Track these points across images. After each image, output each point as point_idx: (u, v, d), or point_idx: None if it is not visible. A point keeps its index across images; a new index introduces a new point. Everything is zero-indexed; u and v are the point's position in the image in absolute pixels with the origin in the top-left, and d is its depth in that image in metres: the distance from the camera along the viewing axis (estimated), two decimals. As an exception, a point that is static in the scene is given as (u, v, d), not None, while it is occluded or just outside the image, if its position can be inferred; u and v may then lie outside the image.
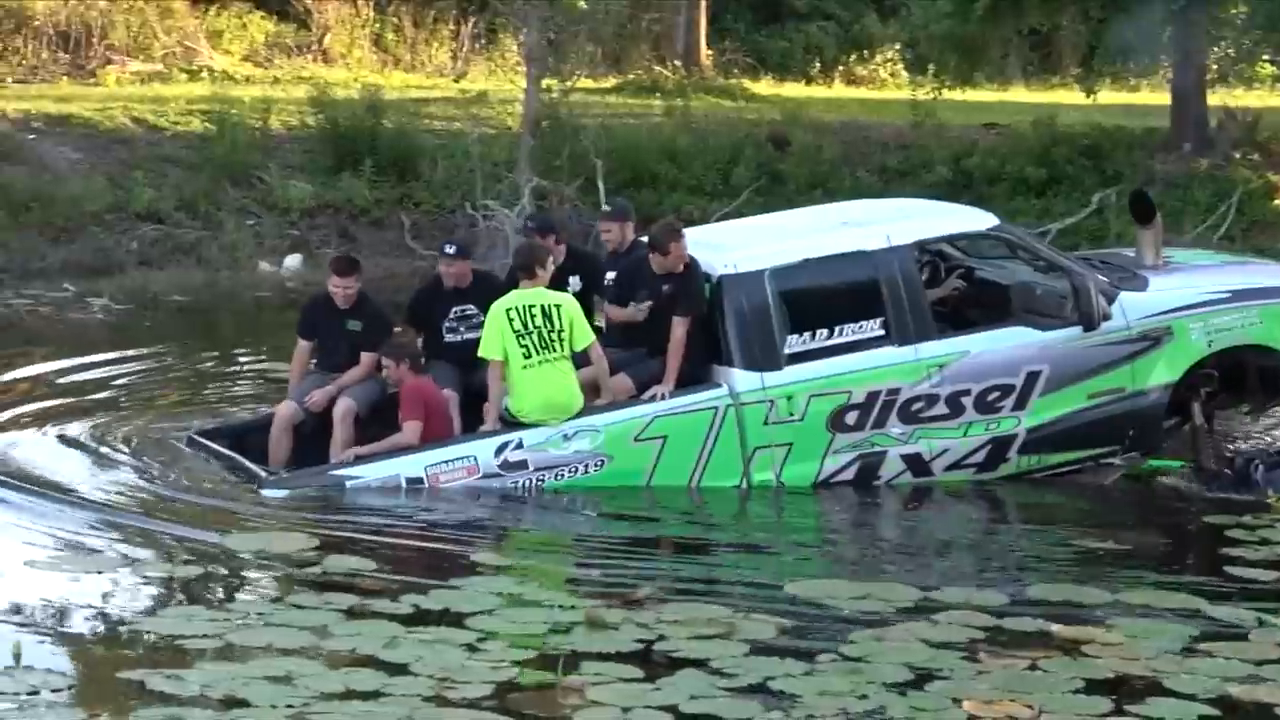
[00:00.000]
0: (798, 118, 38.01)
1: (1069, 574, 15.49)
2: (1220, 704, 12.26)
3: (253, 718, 11.64)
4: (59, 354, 23.47)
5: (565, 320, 16.53)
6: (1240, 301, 18.00)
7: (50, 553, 15.55)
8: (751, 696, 12.22)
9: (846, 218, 19.25)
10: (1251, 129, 36.51)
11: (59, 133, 33.47)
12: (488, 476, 16.68)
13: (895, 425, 17.30)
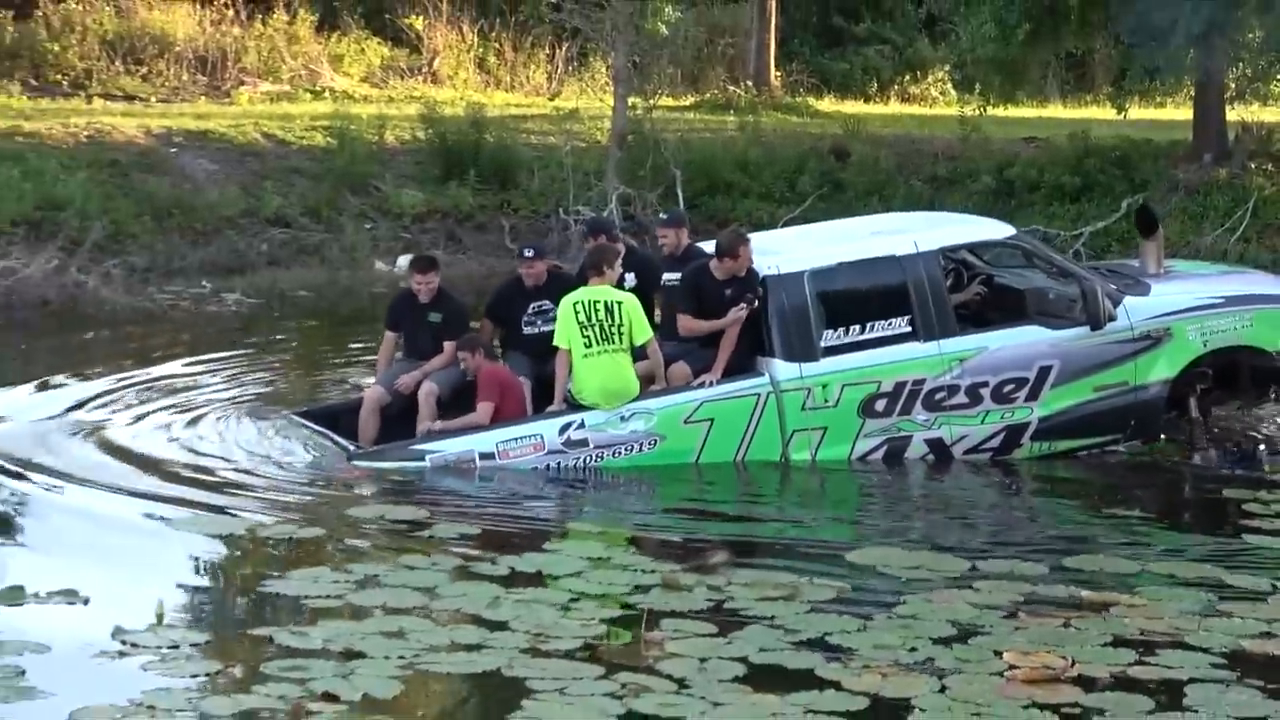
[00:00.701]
0: (857, 132, 37.97)
1: (1100, 545, 15.45)
2: (1232, 657, 12.25)
3: (369, 668, 11.69)
4: (196, 342, 23.57)
5: (626, 316, 16.61)
6: (1234, 306, 18.05)
7: (185, 520, 15.59)
8: (813, 649, 12.25)
9: (879, 227, 19.38)
10: (1266, 141, 36.32)
11: (198, 147, 33.55)
12: (552, 453, 16.76)
13: (920, 413, 17.33)
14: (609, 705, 11.10)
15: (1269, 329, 18.06)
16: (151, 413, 19.54)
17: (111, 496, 16.31)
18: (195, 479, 16.92)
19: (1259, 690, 11.65)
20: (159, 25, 42.06)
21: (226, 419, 18.97)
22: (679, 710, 11.05)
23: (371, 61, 45.47)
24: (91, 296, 26.56)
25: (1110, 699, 11.42)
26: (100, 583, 13.56)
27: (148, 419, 19.20)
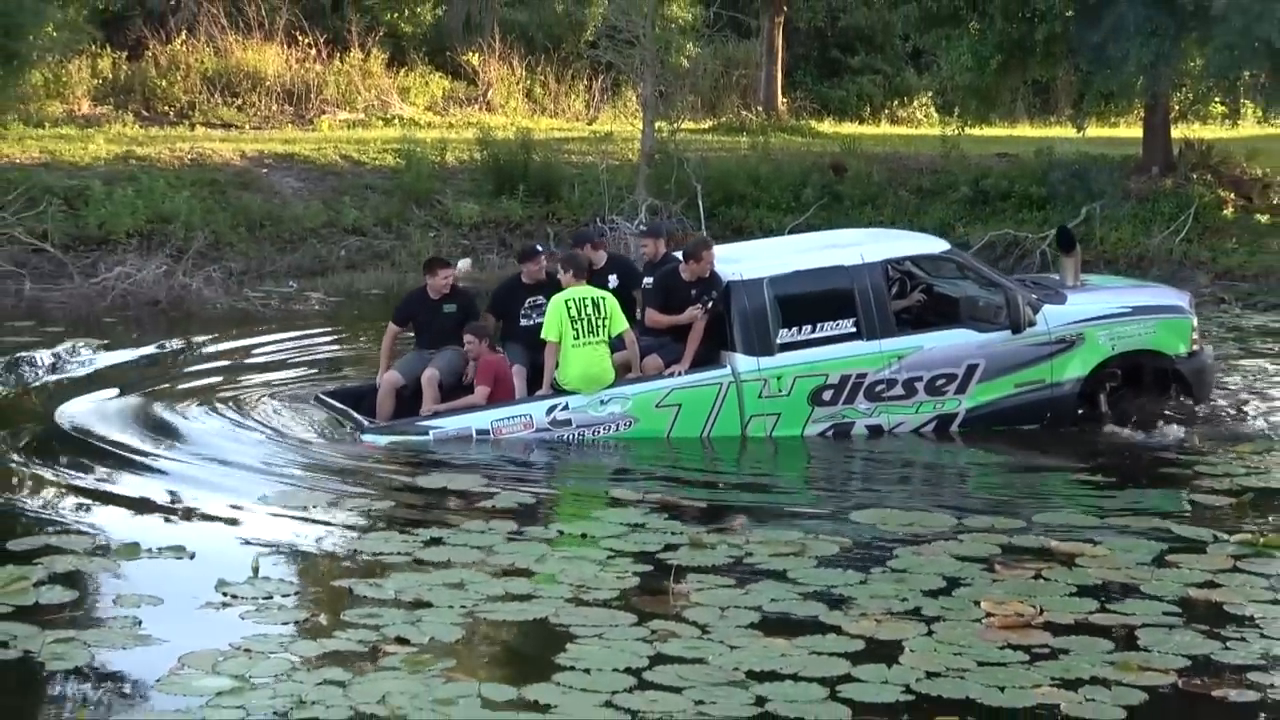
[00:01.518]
0: (852, 150, 37.93)
1: (1066, 504, 15.44)
2: (1181, 603, 12.28)
3: (434, 616, 11.73)
4: (284, 335, 23.57)
5: (608, 310, 16.77)
6: (1139, 315, 18.12)
7: (276, 489, 15.63)
8: (818, 599, 12.27)
9: (832, 241, 19.51)
10: (1205, 155, 36.23)
11: (285, 167, 33.61)
12: (540, 430, 16.82)
13: (862, 402, 17.36)
14: (641, 648, 11.11)
15: (1169, 335, 18.14)
16: (240, 390, 19.60)
17: (205, 464, 16.41)
18: (277, 454, 17.02)
19: (1202, 633, 11.66)
20: (252, 63, 42.19)
21: (302, 401, 18.95)
22: (701, 653, 11.06)
23: (434, 92, 45.53)
24: (195, 297, 26.62)
25: (1074, 641, 11.41)
26: (204, 540, 13.63)
27: (238, 396, 19.24)
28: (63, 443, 17.09)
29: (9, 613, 11.62)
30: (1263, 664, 11.08)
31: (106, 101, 40.06)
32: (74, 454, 16.66)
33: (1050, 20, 31.51)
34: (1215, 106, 36.80)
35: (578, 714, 9.97)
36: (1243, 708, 10.43)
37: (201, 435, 17.57)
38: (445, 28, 49.74)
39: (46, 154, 32.22)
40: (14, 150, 31.57)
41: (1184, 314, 18.41)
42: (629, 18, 35.68)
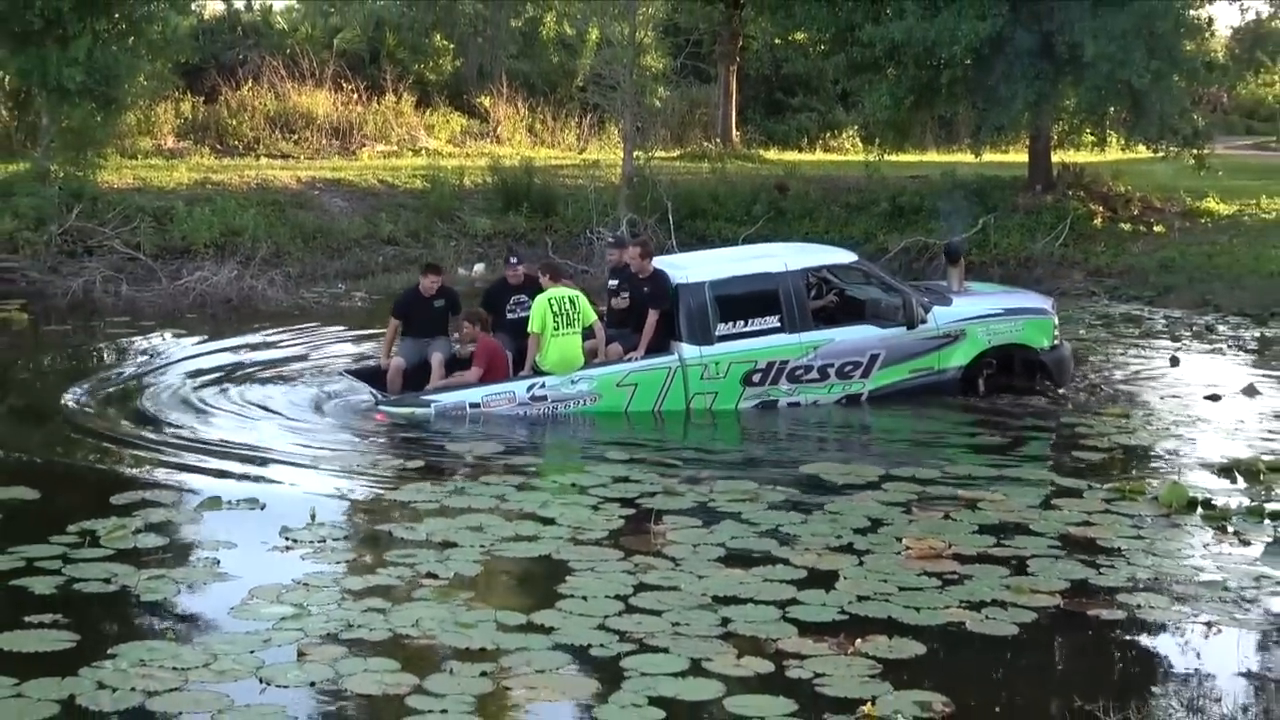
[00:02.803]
0: (793, 173, 37.81)
1: (971, 459, 15.44)
2: (1061, 539, 12.38)
3: (459, 553, 11.77)
4: (331, 328, 23.50)
5: (581, 306, 16.81)
6: (1011, 315, 18.24)
7: (327, 451, 15.62)
8: (770, 537, 12.33)
9: (761, 252, 19.45)
10: (1079, 176, 36.23)
11: (333, 190, 33.51)
12: (521, 404, 16.74)
13: (785, 384, 17.37)
14: (626, 579, 11.14)
15: (1035, 332, 18.21)
16: (294, 370, 19.54)
17: (269, 432, 16.35)
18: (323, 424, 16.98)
19: (1080, 562, 11.67)
20: (306, 106, 42.13)
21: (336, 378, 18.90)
22: (676, 581, 11.10)
23: (454, 129, 45.45)
24: (260, 296, 26.54)
25: (977, 569, 11.47)
26: (271, 494, 13.59)
27: (290, 375, 19.21)
28: (155, 415, 17.02)
29: (111, 555, 11.63)
30: (1129, 587, 11.15)
31: (187, 138, 40.01)
32: (164, 423, 16.60)
33: (953, 67, 31.43)
34: (1086, 136, 36.61)
35: (576, 635, 9.97)
36: (1112, 623, 10.47)
37: (265, 409, 17.47)
38: (463, 76, 49.69)
39: (139, 180, 32.18)
40: (112, 178, 31.50)
41: (1047, 315, 18.47)
42: (612, 67, 35.65)
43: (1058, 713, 8.90)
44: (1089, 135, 36.19)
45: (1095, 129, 35.14)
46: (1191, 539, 12.48)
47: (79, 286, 26.32)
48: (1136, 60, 30.04)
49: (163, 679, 9.12)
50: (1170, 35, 31.20)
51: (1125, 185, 36.15)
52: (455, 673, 9.31)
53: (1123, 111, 33.07)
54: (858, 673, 9.38)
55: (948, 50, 30.99)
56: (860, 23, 32.51)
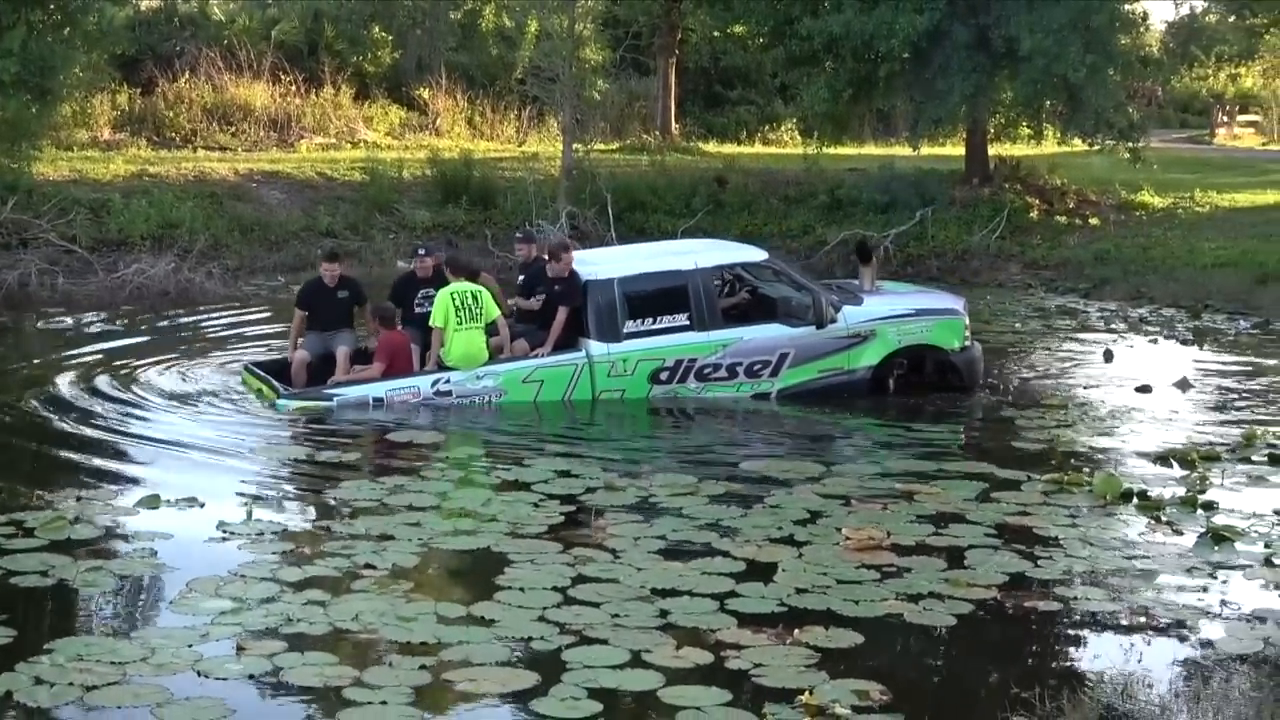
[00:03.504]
0: (732, 166, 37.93)
1: (908, 452, 15.52)
2: (998, 528, 12.45)
3: (397, 548, 11.74)
4: (274, 319, 23.36)
5: (484, 302, 16.74)
6: (922, 316, 18.19)
7: (263, 447, 15.54)
8: (710, 530, 12.33)
9: (674, 249, 19.55)
10: (1016, 169, 36.49)
11: (271, 182, 33.37)
12: (425, 399, 16.67)
13: (693, 382, 17.32)
14: (566, 571, 11.14)
15: (946, 333, 18.19)
16: (233, 361, 19.32)
17: (206, 424, 16.21)
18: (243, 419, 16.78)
19: (1017, 553, 11.74)
20: (243, 97, 41.91)
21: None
22: (615, 574, 11.10)
23: (393, 121, 45.30)
24: (198, 289, 26.42)
25: (915, 560, 11.53)
26: (212, 492, 13.44)
27: (228, 365, 19.04)
28: (88, 407, 16.89)
29: (46, 545, 11.54)
30: (1065, 579, 11.23)
31: (124, 129, 39.71)
32: (97, 415, 16.48)
33: (890, 60, 31.58)
34: (1023, 129, 36.90)
35: (516, 627, 9.95)
36: (1049, 614, 10.54)
37: (198, 401, 17.40)
38: (401, 68, 49.50)
39: (75, 172, 31.97)
40: (48, 169, 31.27)
41: (958, 316, 18.47)
42: (551, 60, 35.64)
43: (994, 701, 8.93)
44: (1025, 129, 36.48)
45: (1031, 122, 35.41)
46: (1126, 529, 12.58)
47: (14, 279, 26.10)
48: (1072, 54, 30.28)
49: (101, 673, 9.06)
50: (1105, 30, 31.49)
51: (1061, 178, 36.45)
52: (395, 665, 9.29)
53: (1059, 105, 33.32)
54: (796, 663, 9.40)
55: (885, 44, 31.15)
56: (798, 16, 32.66)
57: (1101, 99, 32.10)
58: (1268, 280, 26.48)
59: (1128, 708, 8.99)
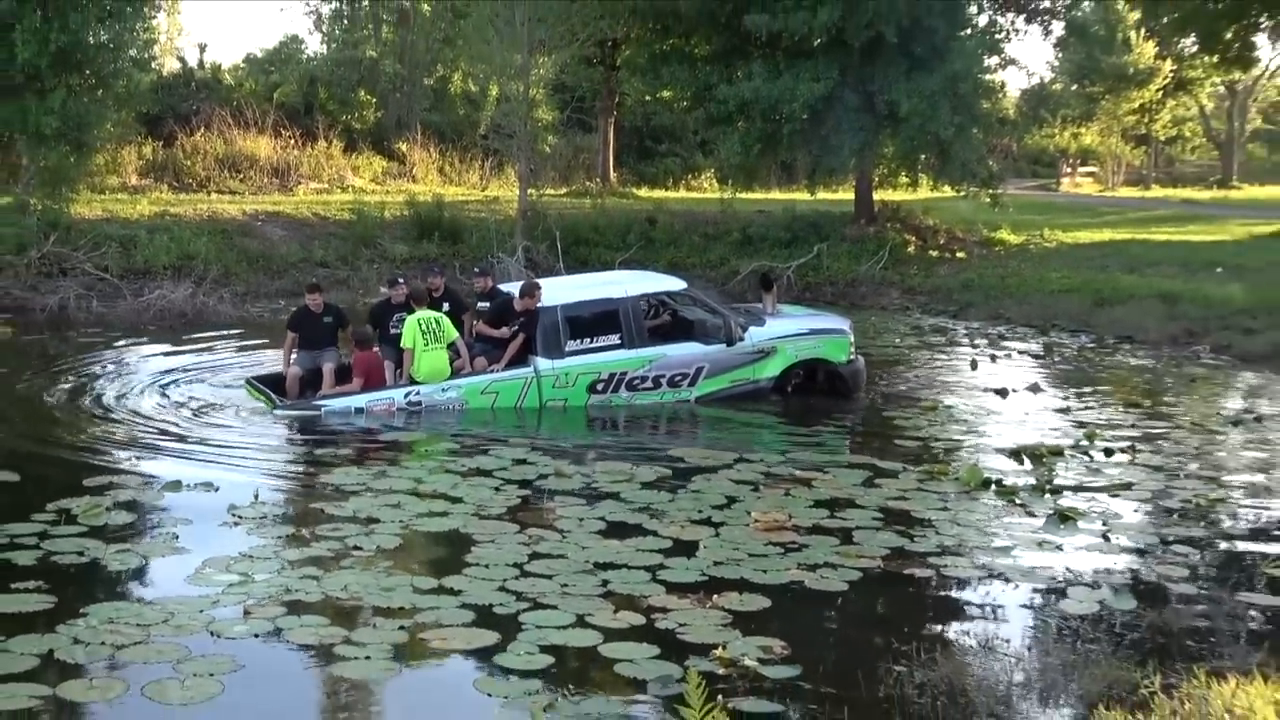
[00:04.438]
0: (661, 208, 38.04)
1: (806, 445, 15.57)
2: (881, 511, 12.46)
3: (382, 529, 11.68)
4: (272, 339, 23.22)
5: (444, 326, 16.73)
6: (814, 335, 18.26)
7: (261, 443, 15.44)
8: (642, 512, 12.31)
9: (608, 279, 19.51)
10: (896, 211, 36.74)
11: (273, 221, 33.18)
12: (399, 409, 16.55)
13: (624, 392, 17.30)
14: (522, 549, 11.10)
15: (834, 349, 18.25)
16: (240, 375, 19.21)
17: (218, 427, 16.05)
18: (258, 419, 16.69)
19: (897, 532, 11.79)
20: (250, 149, 41.72)
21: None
22: (564, 550, 11.08)
23: (376, 169, 45.18)
24: (211, 311, 26.30)
25: (813, 539, 11.54)
26: (223, 478, 13.38)
27: (235, 379, 18.89)
28: (123, 411, 16.76)
29: (84, 531, 11.44)
30: (938, 551, 11.27)
31: (148, 176, 39.50)
32: (130, 418, 16.35)
33: (792, 120, 31.74)
34: (902, 178, 37.16)
35: (480, 596, 9.93)
36: (924, 580, 10.60)
37: (215, 406, 17.28)
38: (383, 125, 49.36)
39: (107, 212, 31.70)
40: (84, 210, 31.02)
41: (845, 334, 18.50)
42: (509, 119, 35.55)
43: (878, 655, 8.99)
44: (904, 177, 36.72)
45: (909, 172, 35.65)
46: (987, 511, 12.67)
47: (55, 303, 25.98)
48: (943, 116, 30.57)
49: (128, 634, 9.00)
50: (970, 95, 31.79)
51: (934, 219, 36.73)
52: (378, 627, 9.27)
53: (931, 158, 33.60)
54: (713, 623, 9.42)
55: (788, 107, 31.34)
56: (716, 83, 32.80)
57: (967, 153, 32.42)
58: (1104, 304, 26.74)
59: (988, 656, 9.06)
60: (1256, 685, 7.67)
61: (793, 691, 8.37)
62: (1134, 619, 9.72)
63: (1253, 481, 14.12)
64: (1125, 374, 21.36)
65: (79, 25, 28.15)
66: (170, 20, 48.58)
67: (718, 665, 8.66)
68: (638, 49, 38.85)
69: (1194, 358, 22.68)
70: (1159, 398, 19.20)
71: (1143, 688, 8.09)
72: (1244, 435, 16.45)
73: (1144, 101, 65.25)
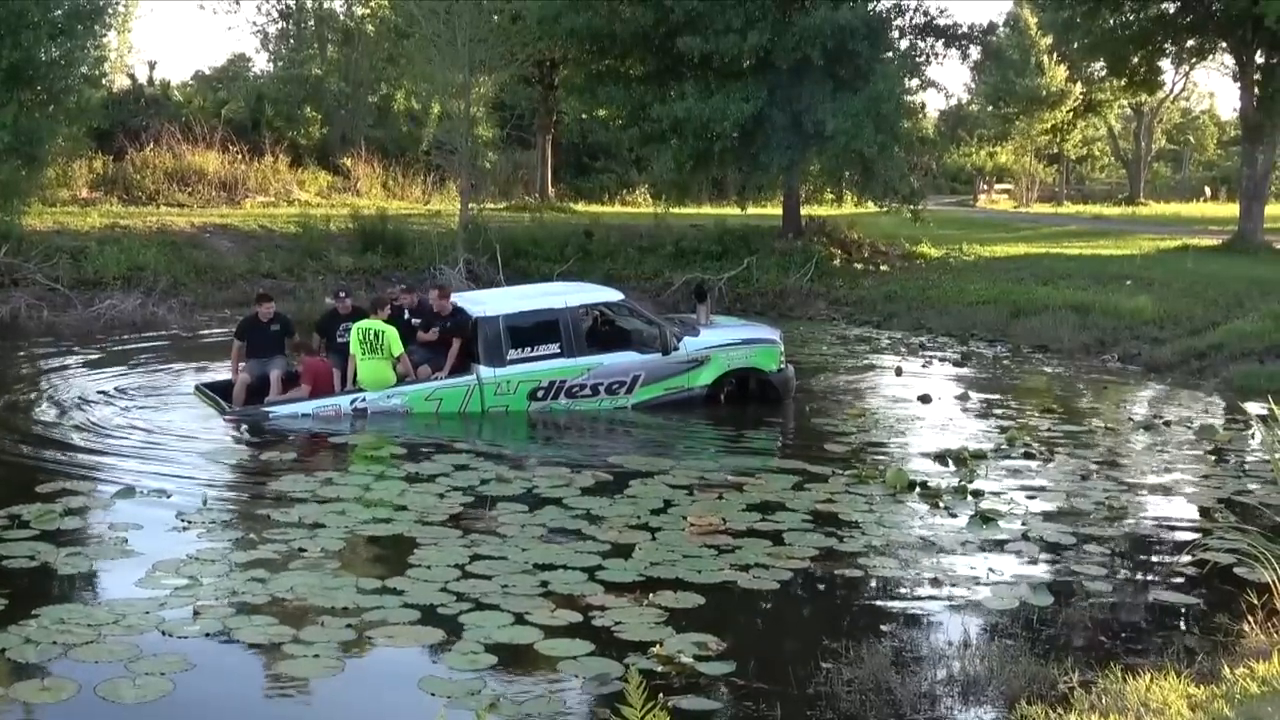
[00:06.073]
0: (597, 222, 37.94)
1: (740, 451, 15.56)
2: (811, 514, 12.44)
3: (326, 533, 11.56)
4: (216, 353, 22.99)
5: (386, 338, 16.59)
6: (746, 345, 18.25)
7: (210, 446, 15.25)
8: (581, 517, 12.23)
9: (548, 290, 19.38)
10: (822, 226, 36.87)
11: (221, 233, 32.86)
12: (345, 415, 16.43)
13: (563, 399, 17.22)
14: (464, 551, 11.02)
15: (765, 358, 18.23)
16: (189, 381, 18.97)
17: (168, 433, 15.84)
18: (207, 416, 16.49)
19: (825, 533, 11.79)
20: (198, 164, 41.35)
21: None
22: (505, 553, 10.99)
23: (321, 184, 44.90)
24: (161, 321, 26.08)
25: (746, 541, 11.52)
26: (176, 485, 13.19)
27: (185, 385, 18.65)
28: (74, 419, 16.51)
29: (36, 535, 11.25)
30: (865, 552, 11.28)
31: (99, 189, 39.06)
32: (81, 425, 16.11)
33: (723, 139, 31.86)
34: (827, 194, 37.40)
35: (423, 597, 9.83)
36: (852, 580, 10.60)
37: (166, 414, 17.05)
38: (329, 141, 49.16)
39: (58, 224, 31.33)
40: (35, 222, 30.61)
41: (775, 344, 18.51)
42: (451, 136, 35.42)
43: (806, 651, 8.97)
44: (829, 193, 36.96)
45: (834, 188, 35.88)
46: (912, 513, 12.69)
47: (6, 313, 25.65)
48: (866, 135, 30.72)
49: (80, 634, 8.85)
50: (893, 115, 31.95)
51: (858, 233, 36.90)
52: (325, 625, 9.16)
53: (856, 175, 33.78)
54: (649, 620, 9.38)
55: (719, 125, 31.42)
56: (650, 103, 32.82)
57: (889, 170, 32.61)
58: (1019, 314, 26.93)
59: (914, 652, 9.06)
60: (1170, 679, 7.73)
61: (728, 687, 8.33)
62: (1052, 616, 9.76)
63: (1161, 483, 14.25)
64: (1041, 381, 21.52)
65: (30, 42, 27.84)
66: (121, 38, 47.76)
67: (655, 662, 8.60)
68: (575, 69, 38.83)
69: (1104, 366, 22.89)
70: (1073, 404, 19.36)
71: (1062, 683, 8.12)
72: (1152, 439, 16.60)
73: (1056, 122, 66.02)
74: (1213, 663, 8.41)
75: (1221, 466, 14.94)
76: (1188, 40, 40.16)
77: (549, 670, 8.56)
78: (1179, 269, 30.29)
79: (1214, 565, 10.84)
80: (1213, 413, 18.70)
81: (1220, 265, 30.92)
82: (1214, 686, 7.58)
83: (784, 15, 31.66)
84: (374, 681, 8.54)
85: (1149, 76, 41.81)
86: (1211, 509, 13.00)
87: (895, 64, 33.04)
